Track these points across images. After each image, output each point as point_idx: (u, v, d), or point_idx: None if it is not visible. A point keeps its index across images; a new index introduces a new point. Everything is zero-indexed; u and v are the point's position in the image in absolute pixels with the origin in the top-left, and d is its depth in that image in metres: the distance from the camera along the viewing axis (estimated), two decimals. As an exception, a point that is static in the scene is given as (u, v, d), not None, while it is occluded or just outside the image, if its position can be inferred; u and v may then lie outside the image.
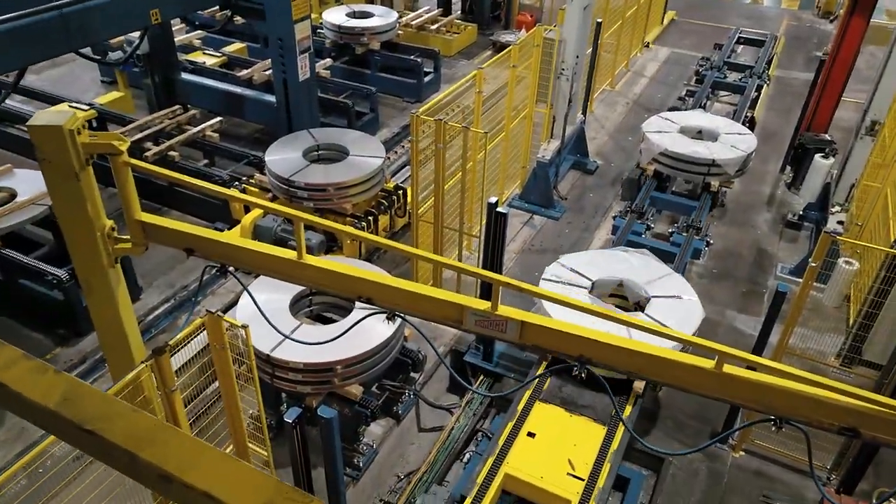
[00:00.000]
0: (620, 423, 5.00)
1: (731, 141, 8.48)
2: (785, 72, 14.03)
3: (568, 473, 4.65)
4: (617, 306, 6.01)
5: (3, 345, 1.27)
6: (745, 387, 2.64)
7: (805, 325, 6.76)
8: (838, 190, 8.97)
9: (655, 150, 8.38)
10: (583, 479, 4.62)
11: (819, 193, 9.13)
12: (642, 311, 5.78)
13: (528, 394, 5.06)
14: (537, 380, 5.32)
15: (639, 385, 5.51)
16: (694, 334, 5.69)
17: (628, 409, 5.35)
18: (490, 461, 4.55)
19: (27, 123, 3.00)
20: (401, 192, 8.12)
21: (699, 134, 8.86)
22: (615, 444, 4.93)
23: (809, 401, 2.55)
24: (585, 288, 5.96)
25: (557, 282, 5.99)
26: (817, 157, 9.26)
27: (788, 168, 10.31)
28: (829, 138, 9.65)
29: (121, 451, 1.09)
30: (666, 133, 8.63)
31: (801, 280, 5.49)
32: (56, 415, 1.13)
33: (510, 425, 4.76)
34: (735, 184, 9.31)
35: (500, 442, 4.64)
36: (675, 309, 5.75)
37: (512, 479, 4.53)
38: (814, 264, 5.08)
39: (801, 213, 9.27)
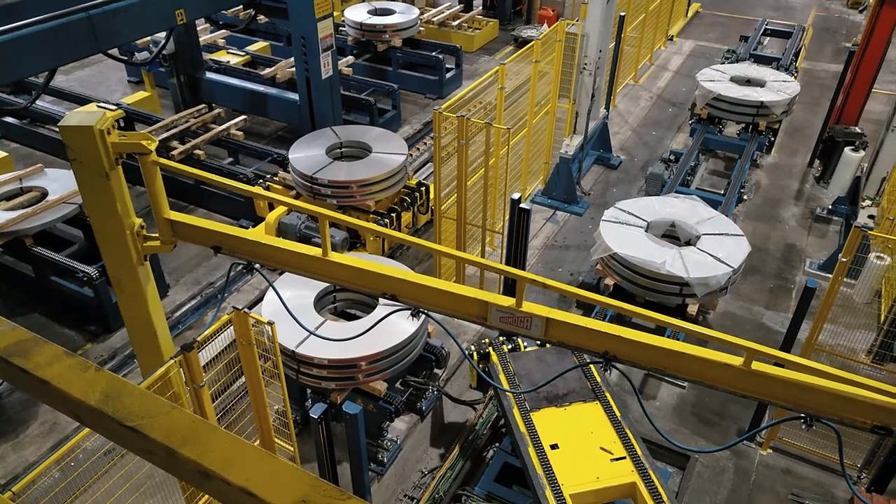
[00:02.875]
0: (606, 392, 5.12)
1: (776, 87, 9.36)
2: (813, 63, 13.78)
3: (611, 460, 4.65)
4: (670, 242, 6.65)
5: (45, 343, 1.30)
6: (775, 384, 2.60)
7: (835, 322, 6.65)
8: (869, 183, 8.80)
9: (709, 95, 9.27)
10: (625, 457, 4.66)
11: (849, 187, 8.96)
12: (694, 247, 6.37)
13: (518, 416, 4.94)
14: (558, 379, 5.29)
15: (692, 309, 6.24)
16: (738, 269, 6.11)
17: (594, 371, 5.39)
18: (550, 494, 4.41)
19: (59, 124, 3.06)
20: (423, 188, 8.13)
21: (748, 82, 9.65)
22: (617, 411, 4.98)
23: (841, 399, 2.51)
24: (641, 227, 6.62)
25: (616, 222, 6.63)
26: (847, 150, 9.08)
27: (817, 162, 10.13)
28: (859, 131, 9.47)
29: (161, 448, 1.11)
30: (718, 81, 9.52)
31: (830, 276, 5.39)
32: (98, 411, 1.16)
33: (532, 451, 4.64)
34: (781, 125, 10.19)
35: (540, 471, 4.51)
36: (723, 243, 6.38)
37: (578, 496, 4.46)
38: (844, 259, 4.99)
39: (830, 207, 9.11)
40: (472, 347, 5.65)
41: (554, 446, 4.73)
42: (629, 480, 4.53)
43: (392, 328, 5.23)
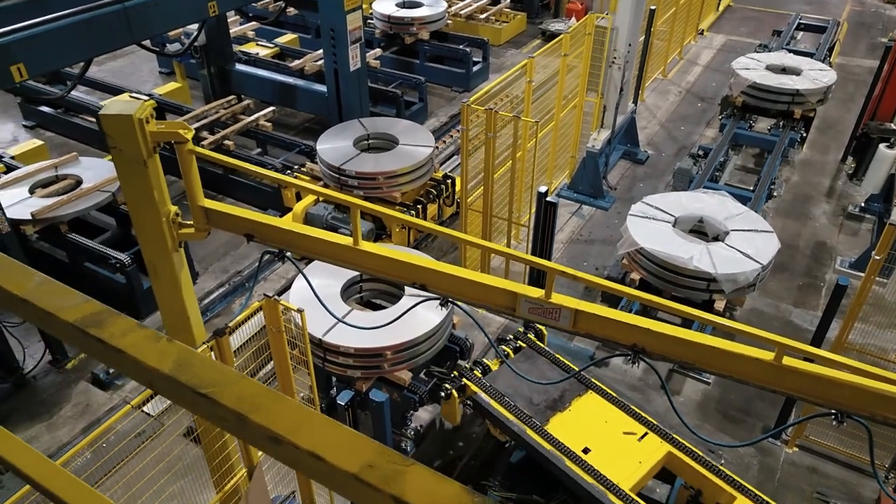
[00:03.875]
0: (592, 379, 5.26)
1: (812, 76, 9.34)
2: (847, 59, 13.51)
3: (638, 440, 4.72)
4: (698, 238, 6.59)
5: (118, 314, 1.35)
6: (807, 380, 2.59)
7: (865, 321, 6.54)
8: (903, 181, 8.62)
9: (744, 83, 9.28)
10: (647, 432, 4.76)
11: (883, 184, 8.79)
12: (722, 243, 6.33)
13: (535, 436, 4.83)
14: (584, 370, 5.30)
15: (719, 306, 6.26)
16: (767, 265, 6.09)
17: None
18: (615, 499, 4.39)
19: (99, 113, 3.13)
20: (449, 181, 8.16)
21: (783, 71, 9.63)
22: (611, 391, 5.09)
23: (874, 395, 2.48)
24: (669, 222, 6.60)
25: (643, 217, 6.60)
26: (882, 146, 8.90)
27: (850, 158, 9.96)
28: (894, 127, 9.28)
29: (233, 414, 1.17)
30: (754, 70, 9.55)
31: (862, 274, 5.31)
32: (172, 379, 1.22)
33: (572, 465, 4.58)
34: (814, 121, 9.93)
35: (592, 480, 4.46)
36: (752, 240, 6.34)
37: (635, 487, 4.52)
38: (877, 257, 4.92)
39: (862, 204, 8.95)
40: (448, 386, 5.22)
41: (586, 450, 4.70)
42: (665, 451, 4.65)
43: (417, 319, 5.27)
